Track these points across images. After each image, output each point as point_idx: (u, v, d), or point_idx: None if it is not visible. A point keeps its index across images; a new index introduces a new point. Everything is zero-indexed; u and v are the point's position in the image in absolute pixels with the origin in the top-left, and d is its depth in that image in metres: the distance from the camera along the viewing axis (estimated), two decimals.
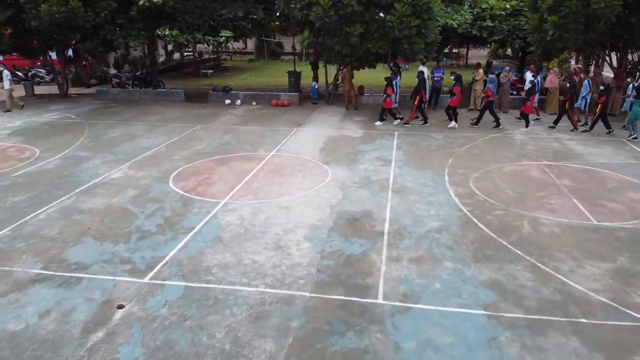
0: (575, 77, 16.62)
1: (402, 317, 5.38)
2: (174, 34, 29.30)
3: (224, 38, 32.02)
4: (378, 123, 14.86)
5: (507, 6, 18.66)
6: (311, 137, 13.50)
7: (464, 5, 18.76)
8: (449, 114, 14.65)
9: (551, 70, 16.76)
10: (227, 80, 27.59)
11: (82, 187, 9.48)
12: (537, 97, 14.81)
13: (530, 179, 9.99)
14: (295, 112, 17.14)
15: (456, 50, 39.56)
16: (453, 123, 14.50)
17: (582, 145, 12.63)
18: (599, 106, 13.80)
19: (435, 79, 16.93)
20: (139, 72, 24.44)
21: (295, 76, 21.88)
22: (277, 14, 17.85)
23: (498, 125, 14.29)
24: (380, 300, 5.68)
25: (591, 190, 9.36)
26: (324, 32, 16.73)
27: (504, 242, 7.17)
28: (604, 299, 5.74)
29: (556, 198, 8.96)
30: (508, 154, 11.70)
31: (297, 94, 18.82)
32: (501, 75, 16.35)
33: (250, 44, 43.54)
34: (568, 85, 14.57)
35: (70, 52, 24.69)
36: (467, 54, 36.59)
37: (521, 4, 18.75)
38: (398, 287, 5.94)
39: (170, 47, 36.43)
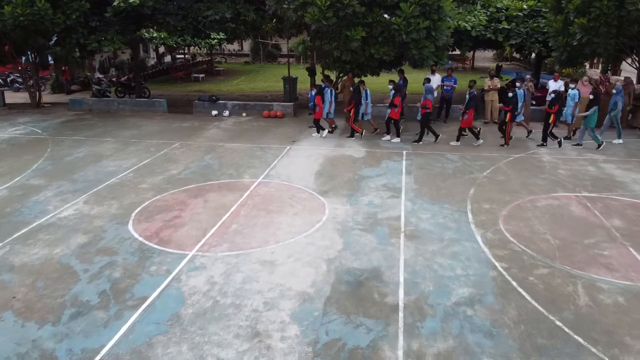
0: (601, 87, 14.81)
1: None
2: (162, 36, 27.49)
3: (216, 40, 30.20)
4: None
5: (525, 6, 16.85)
6: (306, 157, 11.67)
7: (476, 5, 16.94)
8: (388, 126, 13.15)
9: (583, 79, 14.92)
10: (220, 86, 25.84)
11: (22, 231, 7.64)
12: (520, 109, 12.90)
13: (572, 219, 8.16)
14: (289, 124, 15.32)
15: (459, 52, 37.69)
16: (394, 138, 13.07)
17: (622, 170, 10.78)
18: (551, 117, 12.13)
19: (445, 88, 15.09)
20: (125, 77, 22.56)
21: (290, 82, 20.07)
22: (269, 14, 15.95)
23: (436, 140, 12.83)
24: None
25: None
26: (321, 35, 14.92)
27: (558, 322, 5.34)
28: None
29: (609, 247, 7.14)
30: (539, 182, 9.87)
31: (291, 104, 16.98)
32: (522, 84, 14.48)
33: (247, 45, 41.71)
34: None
35: (50, 58, 22.94)
36: (473, 56, 34.75)
37: (539, 3, 16.96)
38: None
39: (161, 49, 34.65)
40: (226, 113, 16.54)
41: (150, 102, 17.60)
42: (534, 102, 15.08)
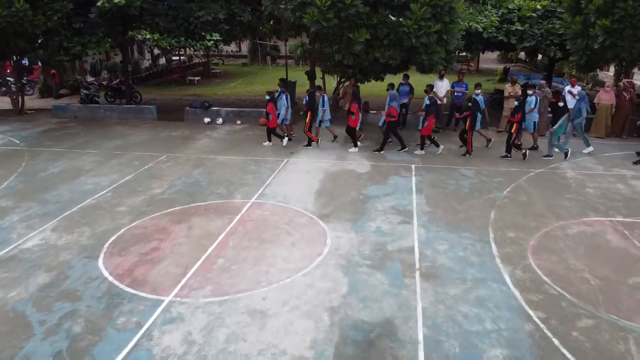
0: (625, 94, 13.76)
1: None
2: (155, 37, 26.41)
3: (212, 42, 29.13)
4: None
5: (538, 6, 15.76)
6: (305, 172, 10.60)
7: (487, 5, 15.86)
8: (353, 135, 12.32)
9: (605, 85, 13.88)
10: (216, 89, 24.76)
11: None
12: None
13: (611, 251, 7.08)
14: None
15: (464, 54, 36.61)
16: (352, 148, 12.22)
17: None
18: (514, 126, 11.14)
19: (455, 94, 14.01)
20: (117, 81, 21.45)
21: (289, 87, 19.02)
22: (265, 15, 14.88)
23: (400, 149, 12.07)
24: None
25: None
26: (321, 37, 13.85)
27: None
28: None
29: None
30: (566, 204, 8.79)
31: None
32: (537, 90, 13.41)
33: (245, 46, 40.63)
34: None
35: (37, 61, 21.85)
36: (478, 58, 33.64)
37: (553, 3, 15.88)
38: None
39: (157, 51, 33.56)
40: (219, 121, 15.46)
41: (138, 109, 16.50)
42: (550, 110, 14.00)
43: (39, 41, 15.94)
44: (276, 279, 6.18)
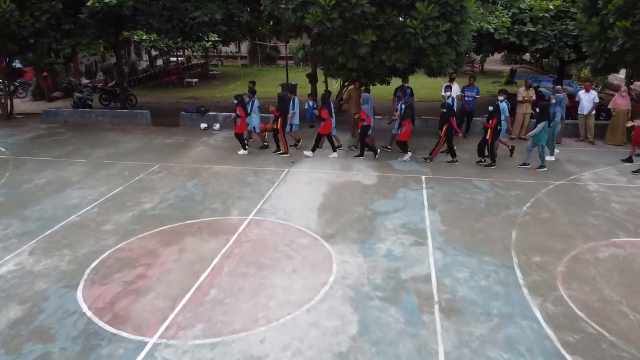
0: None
1: None
2: (152, 38, 25.71)
3: (210, 42, 28.42)
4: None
5: (551, 6, 15.03)
6: (307, 184, 9.88)
7: (497, 5, 15.13)
8: (331, 142, 11.77)
9: (621, 90, 13.16)
10: (214, 91, 24.03)
11: None
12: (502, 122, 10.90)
13: None
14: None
15: (468, 54, 35.84)
16: (332, 153, 11.73)
17: None
18: (489, 131, 10.55)
19: (466, 99, 13.27)
20: (113, 83, 20.70)
21: (289, 90, 18.29)
22: (265, 15, 14.16)
23: (375, 157, 11.53)
24: None
25: None
26: (323, 39, 13.14)
27: None
28: None
29: None
30: (592, 221, 8.06)
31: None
32: (552, 96, 12.70)
33: (244, 47, 39.88)
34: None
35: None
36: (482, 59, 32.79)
37: (566, 3, 15.15)
38: None
39: (154, 52, 32.82)
40: (217, 126, 14.72)
41: (132, 114, 15.76)
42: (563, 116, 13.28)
43: (31, 41, 15.25)
44: (276, 315, 5.45)
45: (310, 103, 13.88)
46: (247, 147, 12.13)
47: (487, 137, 10.68)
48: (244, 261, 6.69)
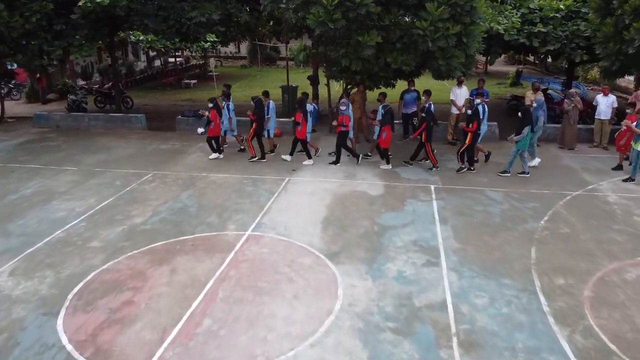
0: None
1: None
2: (149, 39, 25.16)
3: (209, 43, 27.87)
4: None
5: (561, 6, 14.44)
6: (309, 194, 9.31)
7: (506, 5, 14.54)
8: (305, 148, 11.40)
9: (637, 93, 12.59)
10: (212, 93, 23.37)
11: None
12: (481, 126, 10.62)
13: None
14: (288, 146, 12.86)
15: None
16: (307, 160, 11.35)
17: None
18: (469, 135, 10.15)
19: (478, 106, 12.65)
20: (109, 85, 20.11)
21: (290, 92, 17.77)
22: (264, 16, 13.58)
23: (357, 162, 11.24)
24: None
25: None
26: (325, 40, 12.56)
27: None
28: None
29: None
30: (616, 237, 7.49)
31: (291, 119, 14.56)
32: (567, 100, 12.15)
33: (244, 47, 39.31)
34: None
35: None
36: (487, 59, 32.23)
37: (577, 3, 14.57)
38: None
39: (152, 53, 32.25)
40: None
41: (126, 118, 15.17)
42: (579, 121, 12.71)
43: (23, 43, 14.69)
44: (276, 351, 4.88)
45: (314, 105, 13.30)
46: (222, 151, 11.74)
47: (467, 141, 10.28)
48: (240, 285, 6.12)
